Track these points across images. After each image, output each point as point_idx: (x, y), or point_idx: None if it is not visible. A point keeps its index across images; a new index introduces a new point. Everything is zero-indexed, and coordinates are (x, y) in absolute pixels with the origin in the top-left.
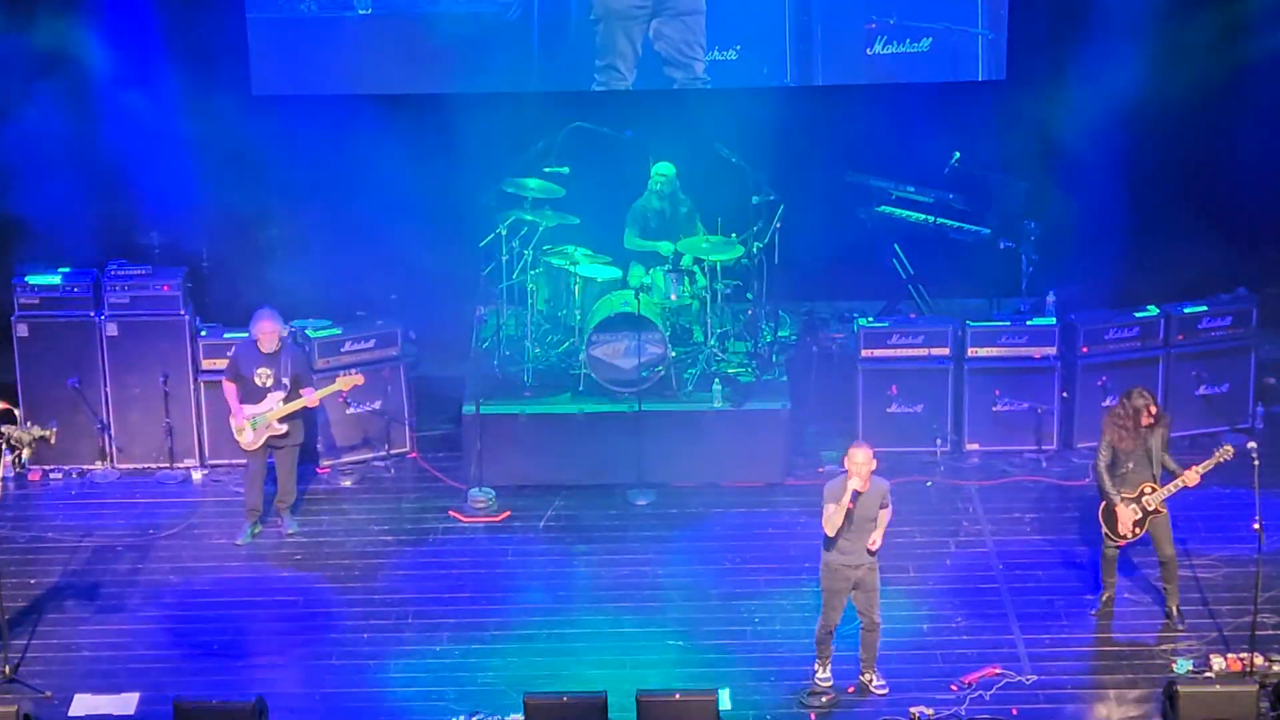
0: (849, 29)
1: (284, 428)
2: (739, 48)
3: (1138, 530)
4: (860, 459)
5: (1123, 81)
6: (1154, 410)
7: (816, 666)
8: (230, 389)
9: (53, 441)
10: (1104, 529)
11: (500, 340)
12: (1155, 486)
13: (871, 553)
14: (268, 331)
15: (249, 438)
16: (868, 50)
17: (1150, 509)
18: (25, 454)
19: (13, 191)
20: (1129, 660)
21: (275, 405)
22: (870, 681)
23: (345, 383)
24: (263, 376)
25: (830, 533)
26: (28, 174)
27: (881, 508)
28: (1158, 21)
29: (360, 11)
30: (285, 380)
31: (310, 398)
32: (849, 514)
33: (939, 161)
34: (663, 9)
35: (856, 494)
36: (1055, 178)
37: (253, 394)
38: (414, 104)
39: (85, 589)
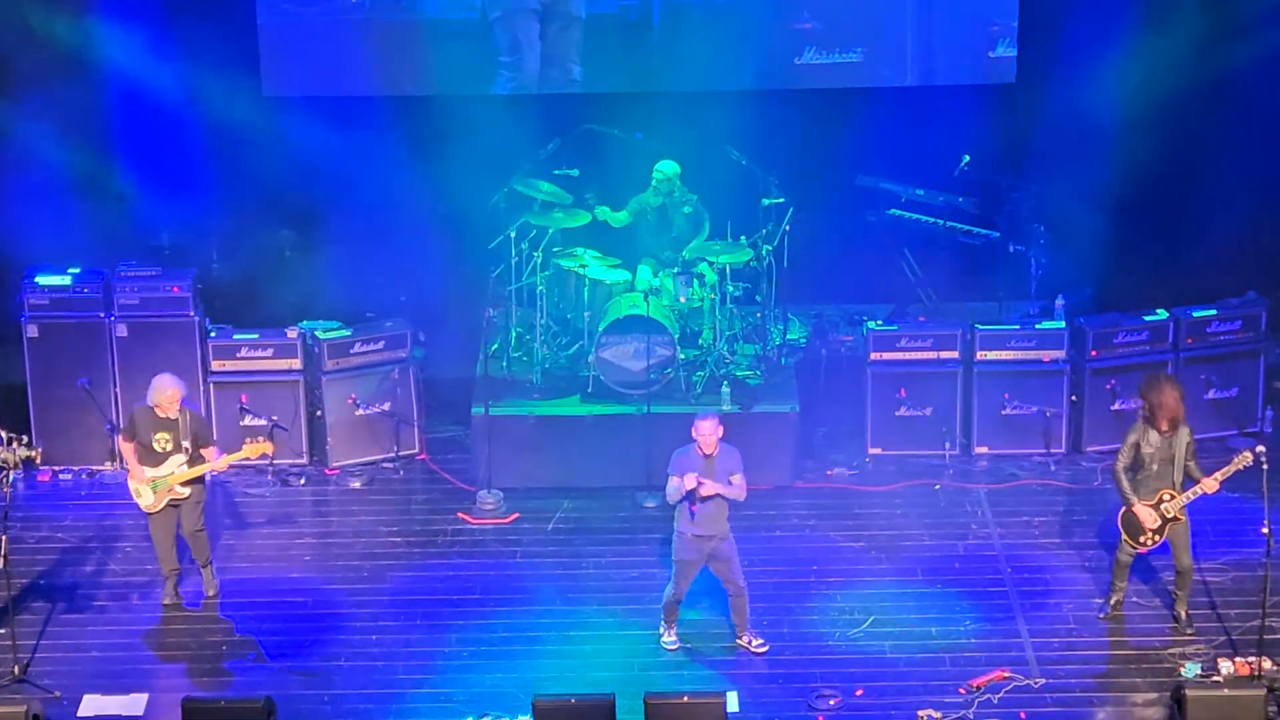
0: None
1: (186, 491)
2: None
3: (1157, 538)
4: (705, 429)
5: (1133, 85)
6: (1172, 407)
7: (662, 629)
8: (129, 448)
9: (38, 461)
10: (1123, 535)
11: (509, 342)
12: (1174, 493)
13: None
14: (170, 399)
15: (148, 500)
16: None
17: (1169, 515)
18: (10, 472)
19: (24, 192)
20: (1137, 664)
21: (177, 469)
22: (750, 643)
23: (253, 450)
24: (161, 442)
25: (670, 502)
26: (39, 175)
27: (733, 473)
28: (1168, 25)
29: (370, 14)
30: (185, 444)
31: (217, 461)
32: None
33: (948, 165)
34: (552, 13)
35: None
36: (1065, 181)
37: (151, 457)
38: (424, 105)
39: (94, 589)
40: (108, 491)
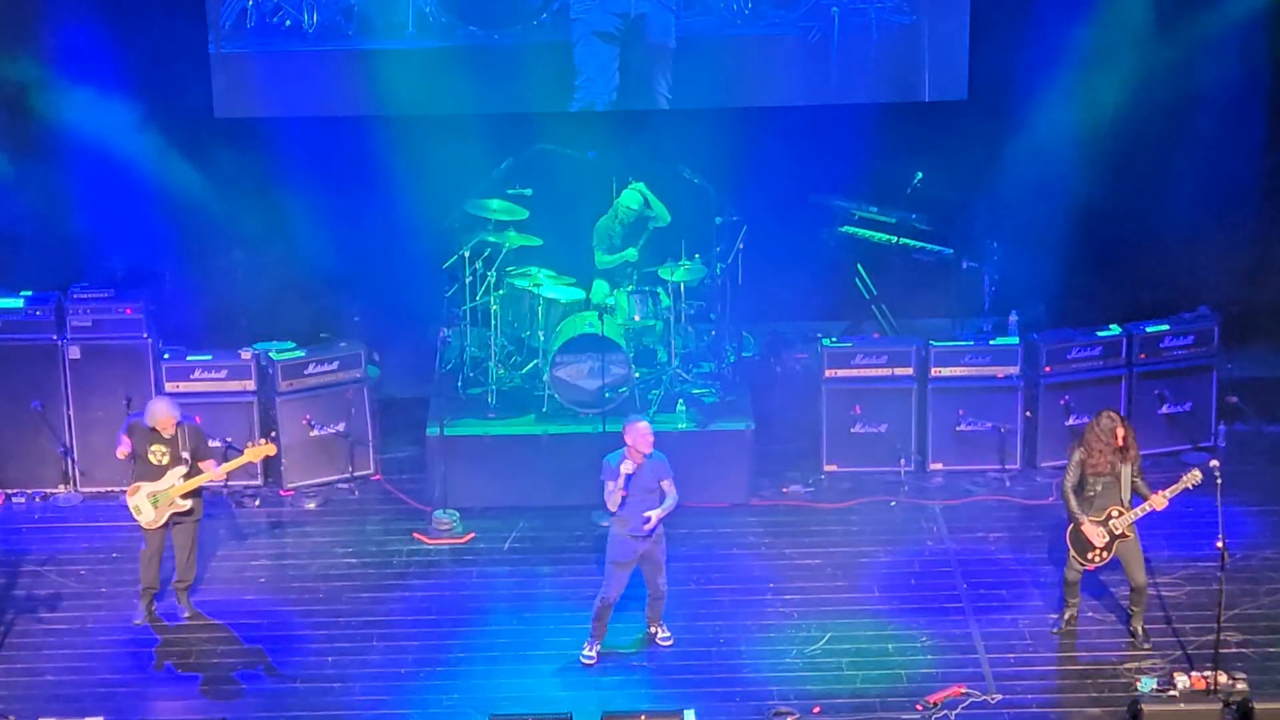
0: None
1: (188, 504)
2: None
3: (1105, 555)
4: (642, 429)
5: (1084, 101)
6: (1121, 433)
7: (585, 645)
8: (127, 441)
9: None
10: (1071, 552)
11: (464, 362)
12: (1123, 510)
13: (648, 524)
14: (164, 424)
15: (149, 515)
16: None
17: (1117, 532)
18: None
19: None
20: (1093, 679)
21: (177, 481)
22: (656, 634)
23: (255, 453)
24: (157, 454)
25: (613, 509)
26: None
27: (662, 479)
28: (1118, 43)
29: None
30: (184, 455)
31: (214, 471)
32: (630, 487)
33: (902, 182)
34: (635, 35)
35: (630, 478)
36: (1018, 198)
37: (150, 471)
38: (377, 125)
39: (48, 613)
40: (61, 514)
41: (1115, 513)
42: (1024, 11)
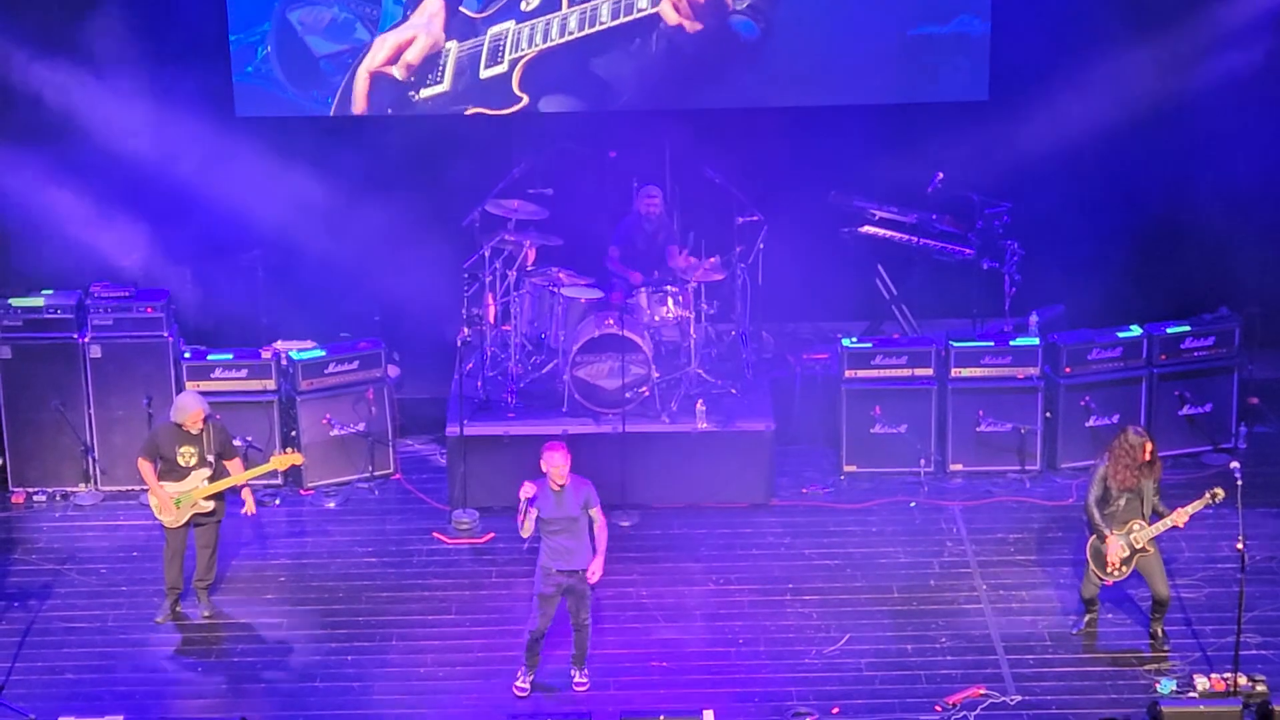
0: None
1: (211, 505)
2: None
3: (1125, 570)
4: (557, 460)
5: (1105, 102)
6: (1149, 447)
7: (519, 676)
8: (147, 467)
9: None
10: (1091, 566)
11: (484, 361)
12: (1144, 524)
13: (594, 577)
14: (193, 418)
15: (172, 516)
16: None
17: (1138, 546)
18: None
19: None
20: (1113, 680)
21: (201, 483)
22: (574, 676)
23: (280, 462)
24: (186, 455)
25: (523, 534)
26: (10, 196)
27: (590, 506)
28: (1140, 42)
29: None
30: (210, 457)
31: (240, 475)
32: (551, 518)
33: (922, 182)
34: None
35: (533, 500)
36: (1038, 198)
37: (175, 472)
38: (397, 125)
39: (69, 611)
40: (82, 513)
41: (1137, 525)
42: (1045, 9)
